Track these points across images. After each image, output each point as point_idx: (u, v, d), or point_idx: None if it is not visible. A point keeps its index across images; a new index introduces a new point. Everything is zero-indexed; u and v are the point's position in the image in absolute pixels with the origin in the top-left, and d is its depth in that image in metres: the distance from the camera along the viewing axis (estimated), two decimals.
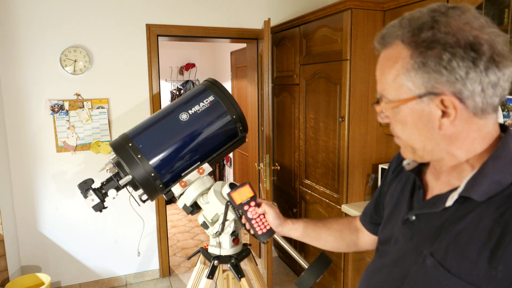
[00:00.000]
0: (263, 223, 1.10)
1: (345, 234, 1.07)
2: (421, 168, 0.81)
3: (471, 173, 0.66)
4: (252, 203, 1.12)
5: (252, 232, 1.11)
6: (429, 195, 0.75)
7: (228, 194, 1.14)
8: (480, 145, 0.66)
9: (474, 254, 0.62)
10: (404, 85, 0.64)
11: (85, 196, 1.60)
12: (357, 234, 1.08)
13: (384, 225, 0.88)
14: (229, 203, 1.21)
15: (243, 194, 1.13)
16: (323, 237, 1.09)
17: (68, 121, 2.79)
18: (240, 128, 1.67)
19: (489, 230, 0.61)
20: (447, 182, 0.71)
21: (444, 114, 0.63)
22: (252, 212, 1.10)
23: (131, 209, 2.98)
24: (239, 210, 1.13)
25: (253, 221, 1.10)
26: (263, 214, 1.11)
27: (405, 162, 0.82)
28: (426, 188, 0.77)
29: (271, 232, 1.10)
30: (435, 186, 0.75)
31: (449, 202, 0.67)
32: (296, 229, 1.11)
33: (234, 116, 1.64)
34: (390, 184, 0.92)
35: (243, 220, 1.14)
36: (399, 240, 0.78)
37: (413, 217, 0.74)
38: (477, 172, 0.65)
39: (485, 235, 0.61)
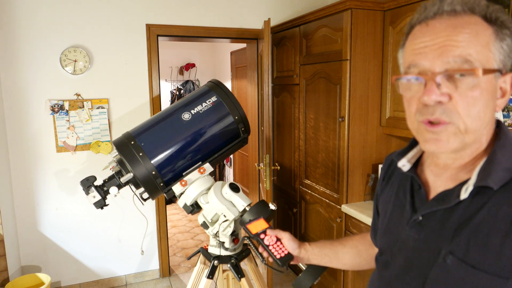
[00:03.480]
0: (280, 248, 1.12)
1: (361, 250, 1.05)
2: (415, 169, 0.79)
3: (481, 163, 0.66)
4: (268, 232, 1.16)
5: (270, 259, 1.12)
6: (433, 193, 0.73)
7: (244, 226, 1.21)
8: (490, 134, 0.68)
9: (497, 244, 0.60)
10: (492, 53, 0.62)
11: (87, 193, 1.62)
12: (373, 248, 1.03)
13: (384, 233, 0.85)
14: (245, 237, 1.27)
15: (258, 226, 1.19)
16: (340, 255, 1.07)
17: (68, 121, 2.79)
18: (242, 129, 1.68)
19: (511, 217, 0.60)
20: (452, 177, 0.71)
21: (504, 94, 0.65)
22: (268, 239, 1.14)
23: (132, 209, 2.99)
24: (256, 239, 1.17)
25: (270, 247, 1.12)
26: (280, 240, 1.12)
27: (400, 164, 0.79)
28: (427, 187, 0.75)
29: (289, 256, 1.11)
30: (437, 183, 0.73)
31: (464, 194, 0.65)
32: (312, 250, 1.10)
33: (236, 117, 1.65)
34: (382, 192, 0.90)
35: (260, 249, 1.16)
36: (407, 245, 0.74)
37: (420, 218, 0.72)
38: (487, 161, 0.65)
39: (506, 223, 0.60)
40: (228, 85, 5.35)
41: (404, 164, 0.79)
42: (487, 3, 0.63)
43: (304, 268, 1.13)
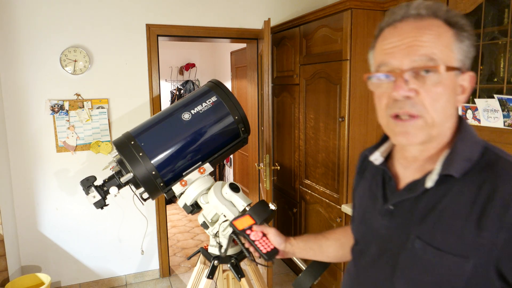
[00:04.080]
0: (266, 243, 1.14)
1: (344, 243, 1.08)
2: (386, 162, 0.85)
3: (444, 154, 0.72)
4: (254, 228, 1.17)
5: (257, 254, 1.14)
6: (402, 184, 0.78)
7: (231, 222, 1.21)
8: (453, 128, 0.74)
9: (459, 227, 0.66)
10: (453, 53, 0.69)
11: (87, 193, 1.62)
12: None
13: (358, 224, 0.90)
14: (232, 234, 1.28)
15: (245, 222, 1.20)
16: (324, 248, 1.11)
17: (68, 121, 2.79)
18: (242, 129, 1.68)
19: (471, 203, 0.66)
20: (419, 168, 0.76)
21: (463, 91, 0.71)
22: (254, 235, 1.16)
23: (132, 209, 2.99)
24: (242, 235, 1.18)
25: (256, 242, 1.14)
26: (265, 235, 1.15)
27: (372, 158, 0.84)
28: (396, 178, 0.80)
29: (275, 251, 1.13)
30: (406, 175, 0.79)
31: (430, 183, 0.71)
32: (297, 244, 1.13)
33: (236, 117, 1.65)
34: (357, 185, 0.96)
35: (247, 244, 1.17)
36: (379, 233, 0.80)
37: (391, 207, 0.77)
38: (450, 152, 0.71)
39: (467, 208, 0.66)
40: (228, 85, 5.34)
41: (377, 158, 0.84)
42: (448, 9, 0.70)
43: (304, 268, 1.13)
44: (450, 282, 0.68)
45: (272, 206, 1.40)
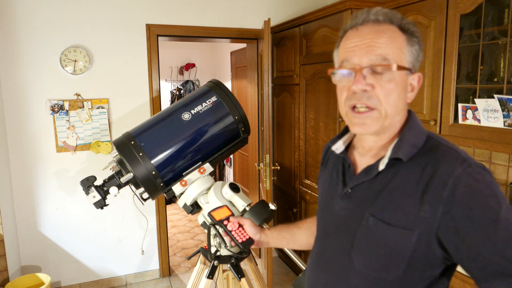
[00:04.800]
0: (242, 233, 1.20)
1: (314, 231, 1.12)
2: (346, 152, 0.94)
3: (395, 142, 0.82)
4: (231, 219, 1.24)
5: (233, 243, 1.20)
6: (359, 170, 0.88)
7: (209, 213, 1.27)
8: (403, 121, 0.84)
9: (405, 204, 0.77)
10: (405, 55, 0.79)
11: (87, 193, 1.62)
12: None
13: (322, 209, 0.98)
14: (210, 224, 1.33)
15: (222, 213, 1.28)
16: (296, 237, 1.18)
17: (68, 121, 2.79)
18: (242, 129, 1.68)
19: (416, 182, 0.76)
20: (374, 155, 0.86)
21: (412, 89, 0.82)
22: (231, 225, 1.22)
23: (132, 209, 2.99)
24: (219, 225, 1.24)
25: (233, 232, 1.21)
26: (242, 226, 1.22)
27: (334, 148, 0.93)
28: (355, 165, 0.90)
29: (250, 241, 1.19)
30: (362, 161, 0.89)
31: (382, 166, 0.81)
32: (271, 234, 1.20)
33: (236, 117, 1.65)
34: (321, 174, 1.05)
35: (223, 234, 1.23)
36: (339, 215, 0.88)
37: (349, 190, 0.86)
38: (399, 139, 0.82)
39: (413, 186, 0.76)
40: (228, 85, 5.34)
41: (338, 148, 0.93)
42: (402, 17, 0.80)
43: (304, 268, 1.14)
44: (398, 252, 0.78)
45: (272, 206, 1.41)
